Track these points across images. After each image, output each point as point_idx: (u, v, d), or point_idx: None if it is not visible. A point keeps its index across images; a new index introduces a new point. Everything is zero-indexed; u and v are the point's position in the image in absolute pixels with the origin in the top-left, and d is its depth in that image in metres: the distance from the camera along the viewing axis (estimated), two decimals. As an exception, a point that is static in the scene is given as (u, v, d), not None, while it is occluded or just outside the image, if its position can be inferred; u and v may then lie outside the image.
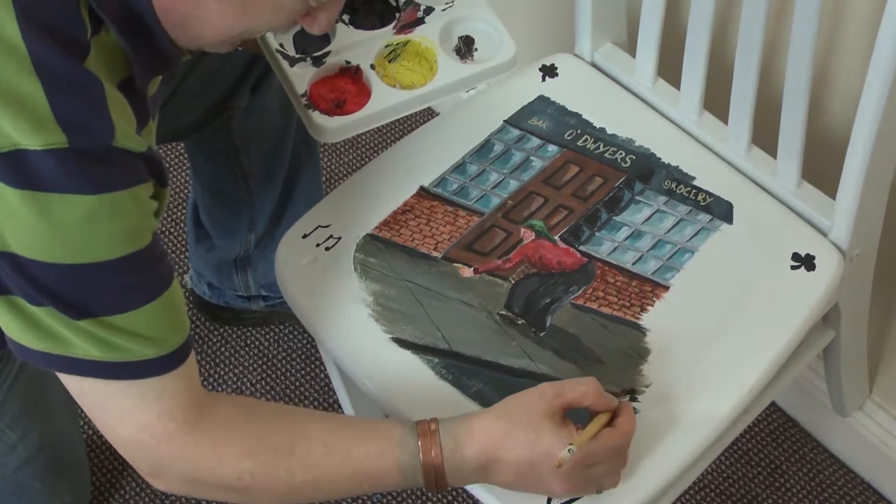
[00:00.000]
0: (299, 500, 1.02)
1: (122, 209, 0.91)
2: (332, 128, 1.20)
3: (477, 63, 1.26)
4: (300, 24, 1.00)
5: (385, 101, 1.21)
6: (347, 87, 1.23)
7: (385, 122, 1.23)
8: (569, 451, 0.99)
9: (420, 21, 1.27)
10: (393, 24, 1.27)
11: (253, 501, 1.02)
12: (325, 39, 1.26)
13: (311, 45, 1.25)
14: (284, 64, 1.23)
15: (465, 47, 1.28)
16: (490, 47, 1.27)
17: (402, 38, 1.26)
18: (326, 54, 1.24)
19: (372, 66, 1.24)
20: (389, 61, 1.25)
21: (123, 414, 0.97)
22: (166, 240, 1.86)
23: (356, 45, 1.25)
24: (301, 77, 1.22)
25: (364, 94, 1.22)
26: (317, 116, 1.20)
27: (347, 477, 1.01)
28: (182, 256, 1.84)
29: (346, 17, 1.27)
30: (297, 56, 1.23)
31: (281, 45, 1.24)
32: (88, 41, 0.91)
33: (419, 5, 1.28)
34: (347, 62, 1.24)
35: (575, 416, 1.03)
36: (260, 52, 1.27)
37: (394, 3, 1.29)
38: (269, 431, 1.00)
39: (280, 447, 0.99)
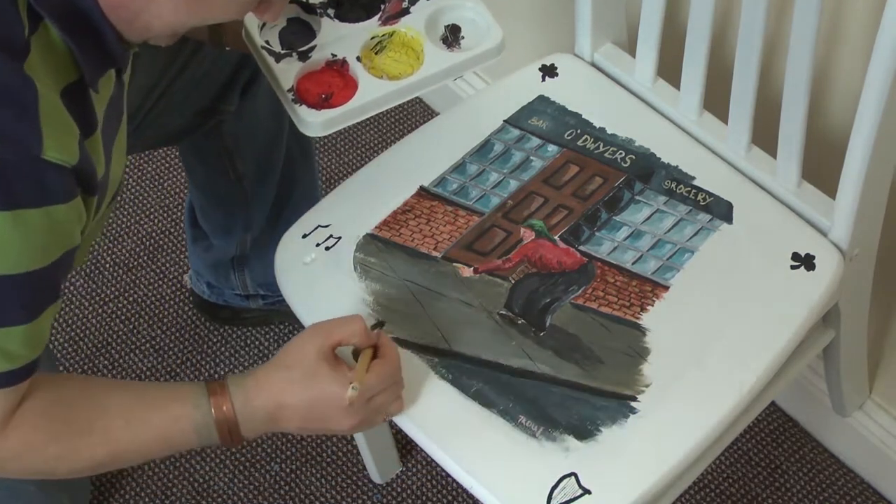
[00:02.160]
0: (106, 470, 1.07)
1: (31, 227, 0.89)
2: (320, 121, 1.19)
3: (464, 51, 1.25)
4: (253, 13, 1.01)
5: (372, 93, 1.20)
6: (334, 81, 1.22)
7: (373, 114, 1.22)
8: (353, 388, 1.04)
9: (405, 11, 1.26)
10: (378, 15, 1.26)
11: (62, 477, 1.05)
12: (311, 34, 1.25)
13: (296, 41, 1.24)
14: (270, 60, 1.22)
15: (452, 36, 1.26)
16: (477, 35, 1.26)
17: (387, 29, 1.25)
18: (312, 49, 1.23)
19: (358, 59, 1.23)
20: (376, 53, 1.24)
21: None
22: (166, 240, 1.86)
23: (342, 39, 1.24)
24: (287, 72, 1.21)
25: (351, 86, 1.21)
26: (304, 111, 1.19)
27: (148, 444, 1.04)
28: (182, 256, 1.84)
29: (331, 11, 1.26)
30: (282, 52, 1.22)
31: (267, 42, 1.23)
32: (27, 40, 0.88)
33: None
34: (333, 55, 1.23)
35: None
36: (247, 50, 1.26)
37: None
38: (72, 413, 1.02)
39: (82, 428, 1.02)
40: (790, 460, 1.60)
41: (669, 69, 1.31)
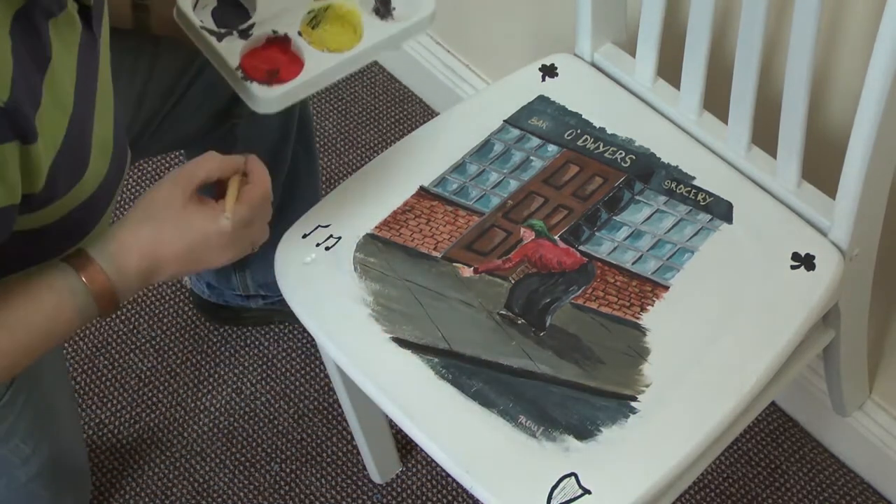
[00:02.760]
0: (8, 377, 1.05)
1: None
2: (274, 97, 1.18)
3: (398, 21, 1.24)
4: None
5: (320, 66, 1.19)
6: (278, 57, 1.21)
7: (324, 86, 1.21)
8: (226, 218, 1.04)
9: None
10: None
11: None
12: (244, 12, 1.24)
13: (232, 19, 1.23)
14: (212, 40, 1.20)
15: (384, 7, 1.25)
16: (408, 3, 1.25)
17: (322, 3, 1.24)
18: (252, 26, 1.22)
19: (300, 34, 1.22)
20: (312, 28, 1.23)
21: None
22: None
23: (278, 16, 1.23)
24: (231, 51, 1.20)
25: (296, 62, 1.21)
26: (256, 88, 1.18)
27: (38, 342, 1.03)
28: (182, 256, 1.84)
29: None
30: (223, 31, 1.21)
31: (202, 23, 1.22)
32: None
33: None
34: (274, 31, 1.22)
35: None
36: (176, 34, 1.23)
37: None
38: None
39: None
40: (790, 460, 1.60)
41: (669, 69, 1.31)
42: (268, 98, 1.19)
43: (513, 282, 1.21)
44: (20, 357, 1.03)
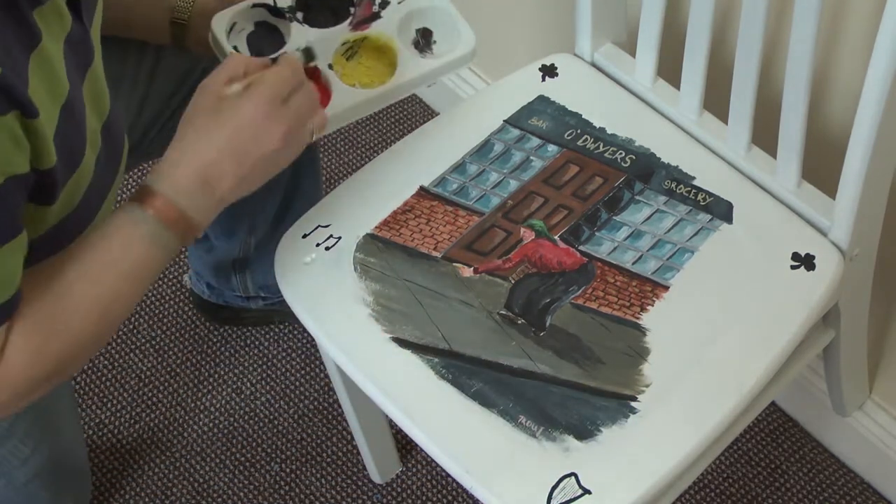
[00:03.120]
0: (111, 333, 1.04)
1: None
2: None
3: (437, 56, 1.24)
4: None
5: (346, 102, 1.18)
6: None
7: (347, 123, 1.20)
8: (238, 85, 1.05)
9: (376, 16, 1.24)
10: (348, 20, 1.24)
11: (77, 367, 1.03)
12: (279, 39, 1.24)
13: (266, 47, 1.22)
14: None
15: (424, 40, 1.25)
16: (449, 38, 1.24)
17: (359, 34, 1.23)
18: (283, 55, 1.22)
19: (330, 66, 1.21)
20: (347, 59, 1.23)
21: None
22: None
23: (312, 45, 1.22)
24: None
25: (324, 94, 1.19)
26: None
27: (123, 284, 1.02)
28: (182, 257, 1.84)
29: (300, 15, 1.24)
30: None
31: (235, 48, 1.21)
32: None
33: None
34: (306, 61, 1.21)
35: None
36: (210, 54, 1.24)
37: None
38: (47, 307, 0.98)
39: (64, 312, 0.99)
40: (790, 460, 1.60)
41: (669, 69, 1.31)
42: None
43: (513, 282, 1.21)
44: (112, 303, 1.02)
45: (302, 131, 1.09)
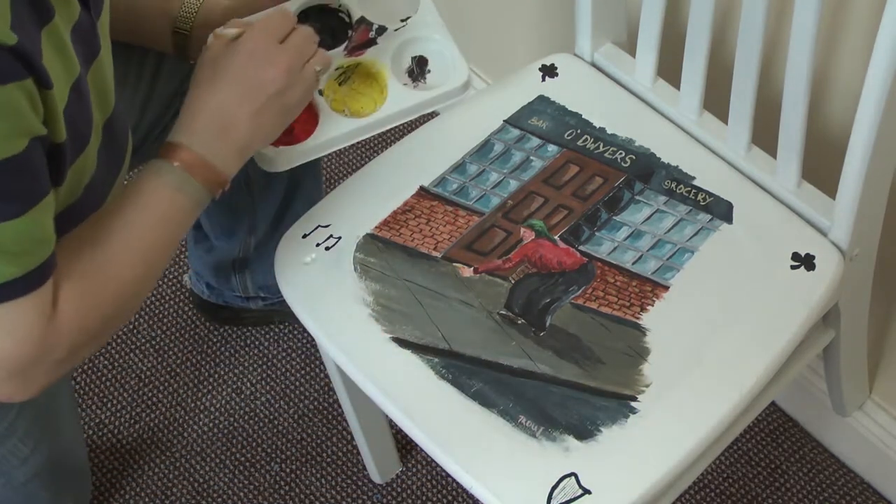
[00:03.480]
0: (154, 280, 1.08)
1: None
2: (278, 158, 1.18)
3: (429, 87, 1.24)
4: None
5: (332, 131, 1.19)
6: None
7: (333, 150, 1.21)
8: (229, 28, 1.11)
9: (372, 42, 1.24)
10: (345, 45, 1.24)
11: (127, 317, 1.06)
12: None
13: None
14: None
15: (419, 69, 1.25)
16: (444, 69, 1.24)
17: (352, 60, 1.24)
18: None
19: (320, 92, 1.21)
20: (339, 84, 1.23)
21: None
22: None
23: None
24: None
25: (312, 119, 1.20)
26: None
27: (156, 234, 1.05)
28: (182, 256, 1.84)
29: None
30: None
31: None
32: None
33: (371, 25, 1.25)
34: None
35: None
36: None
37: (346, 20, 1.26)
38: (94, 259, 1.01)
39: (109, 263, 1.02)
40: (790, 460, 1.60)
41: (669, 69, 1.31)
42: (268, 157, 1.18)
43: (513, 282, 1.21)
44: (149, 250, 1.05)
45: (305, 69, 1.12)
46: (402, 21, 1.26)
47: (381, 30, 1.25)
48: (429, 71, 1.25)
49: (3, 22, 0.89)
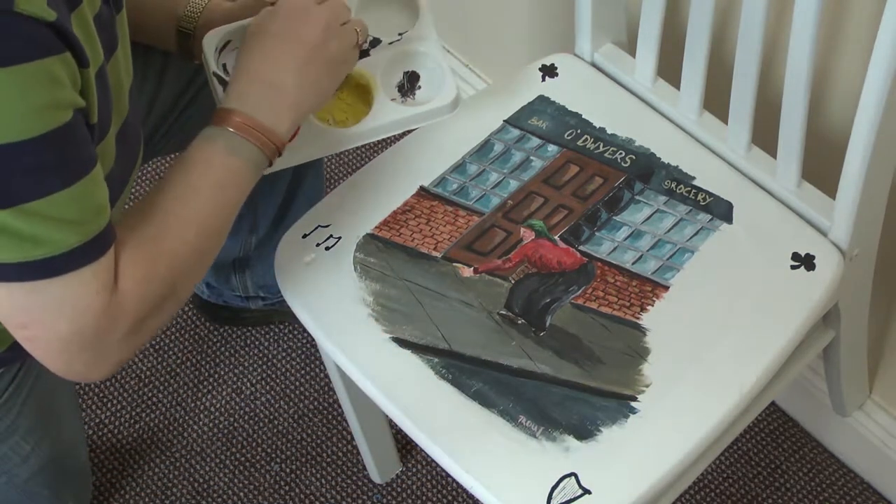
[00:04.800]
0: (214, 250, 1.08)
1: (32, 83, 0.88)
2: None
3: (417, 103, 1.23)
4: None
5: (310, 139, 1.18)
6: None
7: (312, 160, 1.20)
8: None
9: (365, 53, 1.23)
10: None
11: (186, 287, 1.05)
12: None
13: None
14: (218, 88, 1.18)
15: (409, 84, 1.24)
16: (435, 86, 1.23)
17: None
18: None
19: None
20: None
21: (62, 308, 0.95)
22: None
23: None
24: None
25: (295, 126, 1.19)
26: None
27: (214, 199, 1.06)
28: (182, 256, 1.84)
29: None
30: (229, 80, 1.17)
31: (224, 67, 1.20)
32: None
33: (367, 36, 1.23)
34: None
35: None
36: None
37: None
38: (148, 230, 1.02)
39: (164, 232, 1.02)
40: (790, 460, 1.60)
41: (669, 69, 1.31)
42: None
43: (513, 282, 1.21)
44: (207, 217, 1.05)
45: (344, 29, 1.14)
46: (399, 35, 1.25)
47: (376, 42, 1.24)
48: (419, 87, 1.25)
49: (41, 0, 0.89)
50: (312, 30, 1.11)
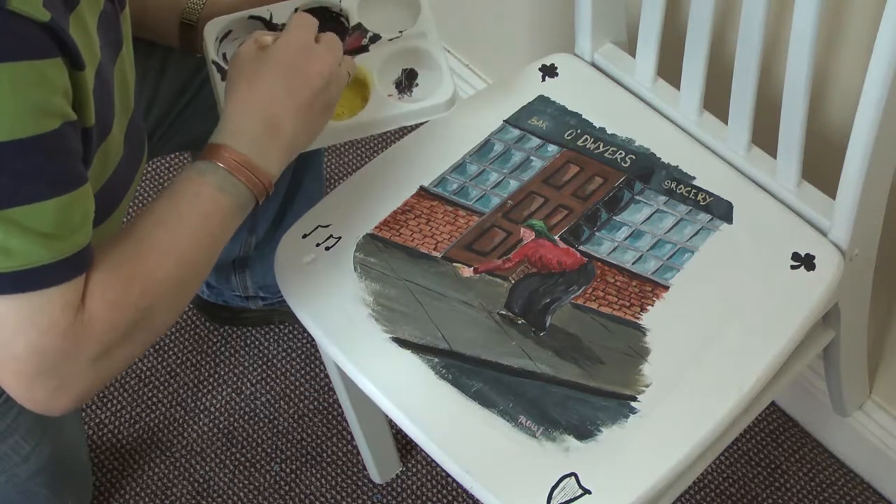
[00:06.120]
0: (191, 284, 1.04)
1: (21, 82, 0.86)
2: None
3: (413, 100, 1.23)
4: None
5: None
6: None
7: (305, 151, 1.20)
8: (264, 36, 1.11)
9: (364, 48, 1.24)
10: None
11: (161, 318, 1.01)
12: None
13: None
14: (217, 77, 1.19)
15: (407, 81, 1.24)
16: (432, 84, 1.23)
17: None
18: None
19: None
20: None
21: (20, 325, 0.91)
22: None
23: None
24: None
25: None
26: None
27: (197, 231, 1.02)
28: (182, 256, 1.84)
29: None
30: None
31: (224, 56, 1.21)
32: None
33: (367, 32, 1.25)
34: None
35: None
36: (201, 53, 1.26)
37: (345, 24, 1.26)
38: (126, 252, 0.99)
39: (141, 258, 0.99)
40: (790, 460, 1.60)
41: (669, 69, 1.31)
42: None
43: (513, 282, 1.21)
44: (187, 249, 1.02)
45: (340, 68, 1.12)
46: (399, 32, 1.25)
47: (375, 38, 1.25)
48: (416, 85, 1.25)
49: None
50: (320, 69, 1.09)
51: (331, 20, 1.26)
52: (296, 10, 1.25)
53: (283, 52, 1.09)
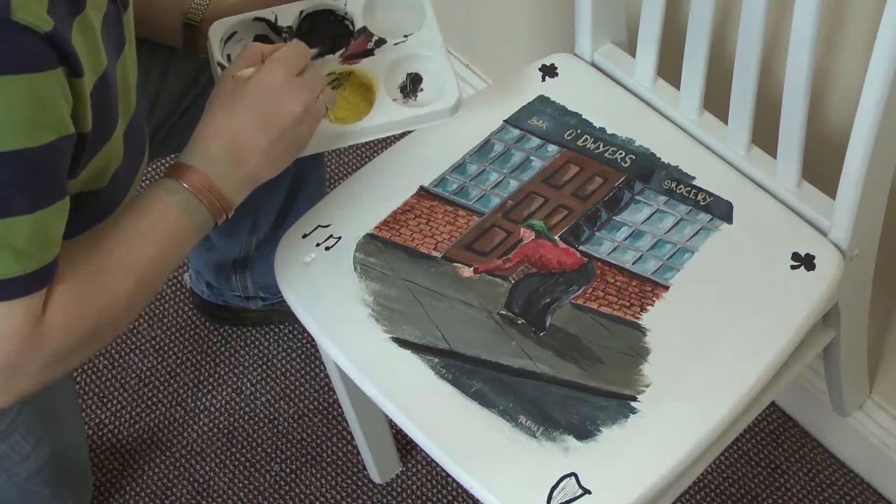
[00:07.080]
0: (146, 298, 1.07)
1: (15, 95, 0.87)
2: None
3: (418, 105, 1.23)
4: None
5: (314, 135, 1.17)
6: None
7: (311, 153, 1.20)
8: (248, 70, 1.11)
9: (369, 52, 1.24)
10: (340, 51, 1.24)
11: (113, 331, 1.04)
12: None
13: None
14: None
15: (412, 86, 1.24)
16: (437, 89, 1.23)
17: (346, 68, 1.23)
18: None
19: None
20: (332, 89, 1.23)
21: None
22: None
23: None
24: None
25: None
26: None
27: (157, 251, 1.05)
28: (182, 256, 1.84)
29: (297, 37, 1.23)
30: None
31: (228, 58, 1.21)
32: None
33: (372, 36, 1.25)
34: None
35: None
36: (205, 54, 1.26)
37: (350, 28, 1.26)
38: (88, 266, 1.00)
39: (103, 273, 1.01)
40: (790, 460, 1.60)
41: (669, 69, 1.31)
42: None
43: (513, 282, 1.21)
44: (148, 267, 1.04)
45: (317, 103, 1.12)
46: (404, 37, 1.25)
47: (381, 42, 1.25)
48: (421, 89, 1.25)
49: (41, 6, 0.89)
50: (292, 108, 1.10)
51: (336, 23, 1.26)
52: (301, 12, 1.25)
53: (260, 87, 1.10)
